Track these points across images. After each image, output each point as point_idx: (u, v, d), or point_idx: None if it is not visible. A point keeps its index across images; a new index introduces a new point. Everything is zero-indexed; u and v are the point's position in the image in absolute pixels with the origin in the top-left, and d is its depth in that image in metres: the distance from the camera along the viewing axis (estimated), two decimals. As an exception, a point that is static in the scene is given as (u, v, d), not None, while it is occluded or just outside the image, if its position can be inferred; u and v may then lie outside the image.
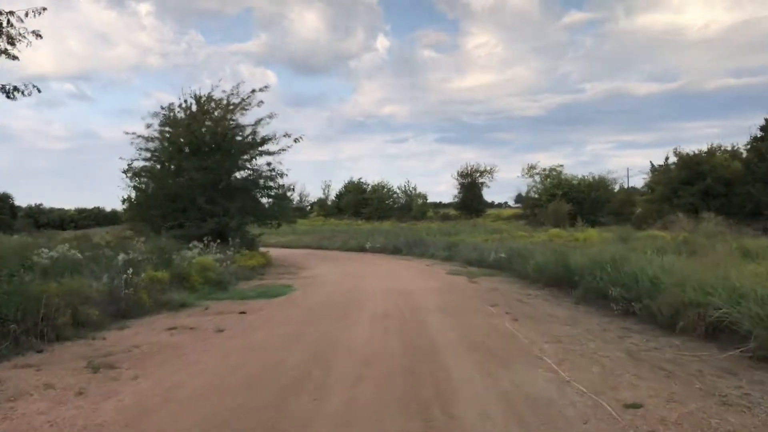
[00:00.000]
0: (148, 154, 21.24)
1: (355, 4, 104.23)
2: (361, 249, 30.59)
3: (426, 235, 29.11)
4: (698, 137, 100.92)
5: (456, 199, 59.91)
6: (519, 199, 74.06)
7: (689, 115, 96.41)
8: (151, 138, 21.09)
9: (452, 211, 59.01)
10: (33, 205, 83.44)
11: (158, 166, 21.32)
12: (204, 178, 19.57)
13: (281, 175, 21.09)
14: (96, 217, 73.60)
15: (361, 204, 57.17)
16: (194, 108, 21.16)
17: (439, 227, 38.29)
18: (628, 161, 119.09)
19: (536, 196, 43.81)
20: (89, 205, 75.53)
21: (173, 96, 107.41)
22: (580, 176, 43.94)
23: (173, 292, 10.97)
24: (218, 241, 18.57)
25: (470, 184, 57.92)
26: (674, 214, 22.06)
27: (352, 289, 12.49)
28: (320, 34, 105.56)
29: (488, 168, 57.52)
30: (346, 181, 62.98)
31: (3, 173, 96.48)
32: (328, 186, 64.73)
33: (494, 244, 20.31)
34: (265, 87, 21.53)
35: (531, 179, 54.62)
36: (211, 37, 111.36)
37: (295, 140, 20.93)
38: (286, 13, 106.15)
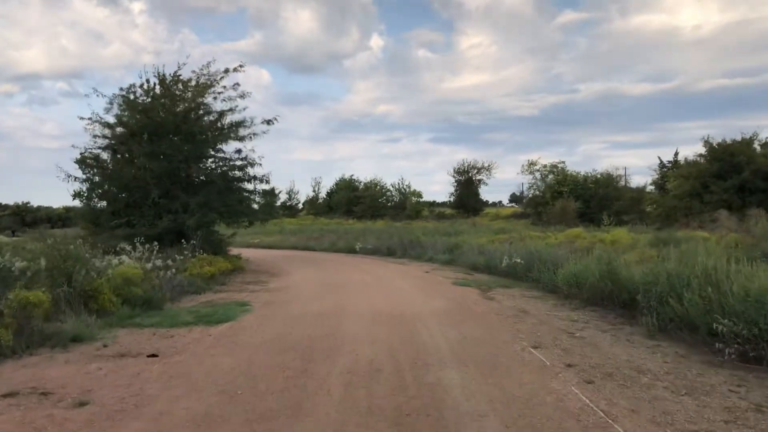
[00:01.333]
0: (105, 142, 17.73)
1: (349, 3, 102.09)
2: (351, 250, 27.18)
3: (422, 236, 25.71)
4: (691, 138, 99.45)
5: (452, 198, 56.55)
6: (514, 198, 70.96)
7: (683, 115, 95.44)
8: (107, 124, 17.56)
9: (448, 210, 55.62)
10: (20, 203, 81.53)
11: (109, 156, 17.80)
12: (159, 167, 16.10)
13: (252, 164, 17.59)
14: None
15: (353, 202, 53.60)
16: (158, 90, 17.64)
17: (435, 227, 34.91)
18: (621, 161, 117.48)
19: (539, 193, 40.49)
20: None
21: None
22: (583, 173, 40.72)
23: (69, 318, 7.53)
24: (182, 242, 15.16)
25: (467, 182, 54.50)
26: (710, 212, 18.88)
27: (329, 311, 9.05)
28: (314, 33, 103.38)
29: (486, 165, 54.16)
30: (338, 179, 59.48)
31: None
32: (318, 183, 61.08)
33: (505, 246, 16.92)
34: (240, 66, 18.07)
35: (531, 176, 51.50)
36: (204, 36, 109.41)
37: (268, 122, 17.50)
38: (280, 11, 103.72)
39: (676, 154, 37.81)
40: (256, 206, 18.62)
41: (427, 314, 8.54)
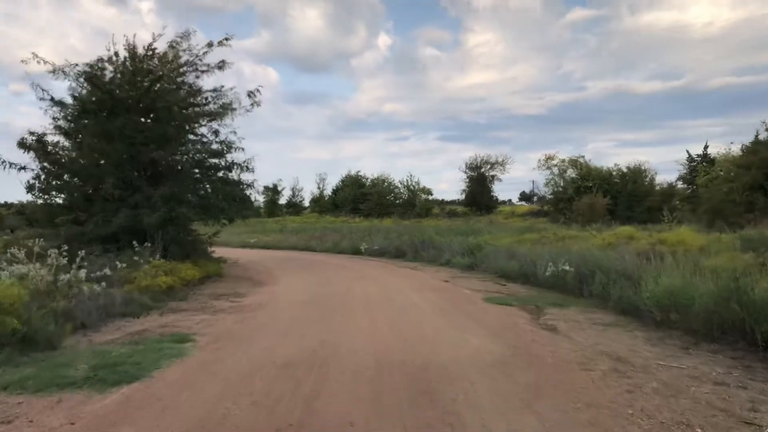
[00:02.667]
0: (65, 124, 14.45)
1: (356, 2, 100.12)
2: (356, 251, 23.87)
3: (436, 235, 22.33)
4: (700, 135, 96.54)
5: (462, 195, 53.07)
6: (524, 196, 67.00)
7: (692, 113, 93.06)
8: (61, 102, 14.26)
9: (459, 208, 52.16)
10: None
11: (64, 140, 14.54)
12: (115, 150, 12.81)
13: (229, 147, 14.22)
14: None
15: (359, 199, 50.20)
16: (129, 65, 14.33)
17: (449, 225, 31.50)
18: (629, 159, 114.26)
19: (559, 189, 36.92)
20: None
21: None
22: (606, 167, 37.07)
23: None
24: (147, 244, 11.94)
25: (479, 178, 50.99)
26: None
27: (307, 359, 5.65)
28: (322, 32, 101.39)
29: (500, 160, 50.52)
30: (344, 175, 56.11)
31: (4, 172, 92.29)
32: (323, 180, 57.70)
33: (546, 249, 13.45)
34: (226, 40, 14.72)
35: (548, 171, 48.06)
36: (212, 35, 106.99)
37: (250, 94, 14.15)
38: (287, 10, 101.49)
39: (706, 147, 34.18)
40: (237, 200, 15.23)
41: (468, 367, 5.15)
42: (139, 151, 12.98)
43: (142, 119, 13.50)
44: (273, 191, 54.36)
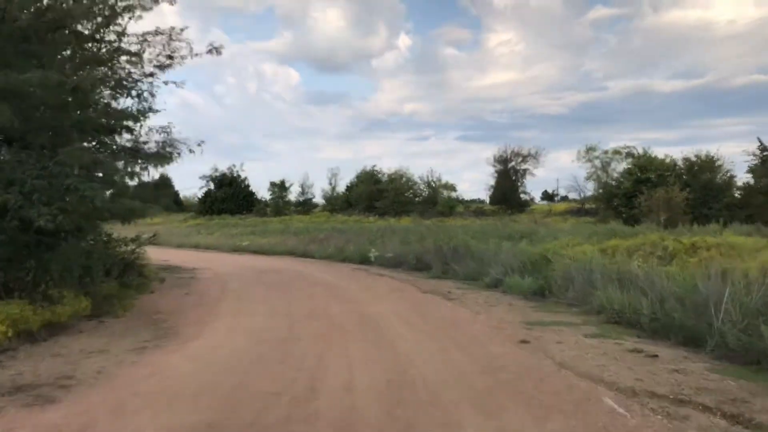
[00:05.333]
0: None
1: (377, 2, 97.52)
2: (364, 260, 17.75)
3: (471, 239, 16.06)
4: (724, 135, 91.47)
5: (488, 192, 46.52)
6: (546, 195, 59.01)
7: (715, 112, 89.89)
8: None
9: (486, 206, 45.59)
10: None
11: None
12: None
13: (130, 87, 8.04)
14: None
15: (375, 196, 43.89)
16: None
17: (480, 226, 25.14)
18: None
19: (611, 182, 30.29)
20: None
21: (198, 95, 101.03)
22: (670, 157, 30.23)
23: None
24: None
25: (509, 172, 44.36)
26: None
27: None
28: (342, 32, 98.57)
29: (533, 152, 43.74)
30: (358, 171, 49.89)
31: None
32: (335, 175, 51.42)
33: (712, 271, 7.01)
34: None
35: (590, 164, 41.34)
36: (234, 35, 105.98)
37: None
38: (308, 11, 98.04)
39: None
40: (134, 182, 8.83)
41: None
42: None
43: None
44: (280, 188, 48.39)
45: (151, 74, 8.75)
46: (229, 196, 46.15)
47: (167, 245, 32.16)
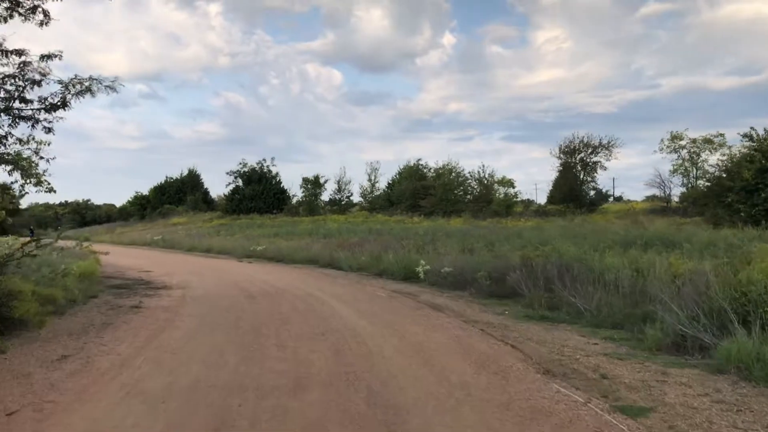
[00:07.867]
0: None
1: (421, 1, 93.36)
2: (409, 275, 12.21)
3: (580, 251, 10.18)
4: None
5: (551, 187, 39.86)
6: (599, 194, 51.14)
7: None
8: None
9: (549, 206, 39.03)
10: (81, 201, 74.47)
11: None
12: None
13: None
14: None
15: (420, 194, 38.12)
16: None
17: (562, 229, 19.12)
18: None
19: (722, 173, 23.60)
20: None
21: (241, 95, 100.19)
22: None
23: None
24: None
25: (577, 165, 37.66)
26: None
27: None
28: (386, 32, 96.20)
29: (606, 142, 36.81)
30: (401, 166, 44.20)
31: (78, 172, 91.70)
32: (375, 170, 45.82)
33: None
34: None
35: (676, 155, 34.53)
36: (278, 36, 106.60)
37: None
38: (353, 10, 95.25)
39: None
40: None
41: None
42: None
43: None
44: (314, 185, 43.22)
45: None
46: (258, 193, 41.45)
47: (178, 248, 27.56)
